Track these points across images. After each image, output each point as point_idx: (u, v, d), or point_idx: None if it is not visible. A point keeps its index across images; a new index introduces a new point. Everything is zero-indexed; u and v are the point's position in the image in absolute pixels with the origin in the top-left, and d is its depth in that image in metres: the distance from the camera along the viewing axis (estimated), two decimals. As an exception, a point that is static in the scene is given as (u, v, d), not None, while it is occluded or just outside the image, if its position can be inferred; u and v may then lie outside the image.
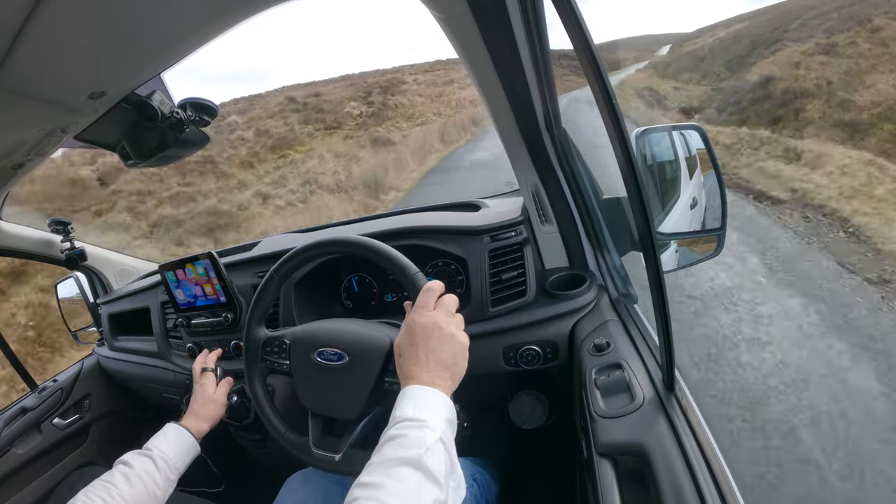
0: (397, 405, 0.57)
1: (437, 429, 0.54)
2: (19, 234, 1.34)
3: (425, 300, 0.66)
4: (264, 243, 1.32)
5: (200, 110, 0.76)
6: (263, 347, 0.85)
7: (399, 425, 0.54)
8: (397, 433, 0.53)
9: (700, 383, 2.38)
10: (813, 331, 2.78)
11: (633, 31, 29.15)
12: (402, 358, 0.63)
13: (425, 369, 0.60)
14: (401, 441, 0.52)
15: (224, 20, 0.45)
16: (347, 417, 0.77)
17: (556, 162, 0.96)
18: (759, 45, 13.89)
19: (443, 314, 0.65)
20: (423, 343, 0.62)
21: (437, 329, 0.62)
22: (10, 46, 0.36)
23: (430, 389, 0.58)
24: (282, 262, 0.84)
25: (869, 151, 5.95)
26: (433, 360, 0.61)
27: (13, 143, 0.57)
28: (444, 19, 0.65)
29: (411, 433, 0.53)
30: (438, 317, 0.64)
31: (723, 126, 8.54)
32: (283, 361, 0.83)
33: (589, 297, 0.96)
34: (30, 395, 1.39)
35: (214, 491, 1.38)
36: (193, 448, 0.87)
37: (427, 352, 0.61)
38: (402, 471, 0.49)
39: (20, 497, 1.28)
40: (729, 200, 0.82)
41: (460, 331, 0.65)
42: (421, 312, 0.64)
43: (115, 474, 0.75)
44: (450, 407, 0.58)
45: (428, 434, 0.52)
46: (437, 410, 0.56)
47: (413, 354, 0.62)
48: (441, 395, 0.58)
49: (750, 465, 1.90)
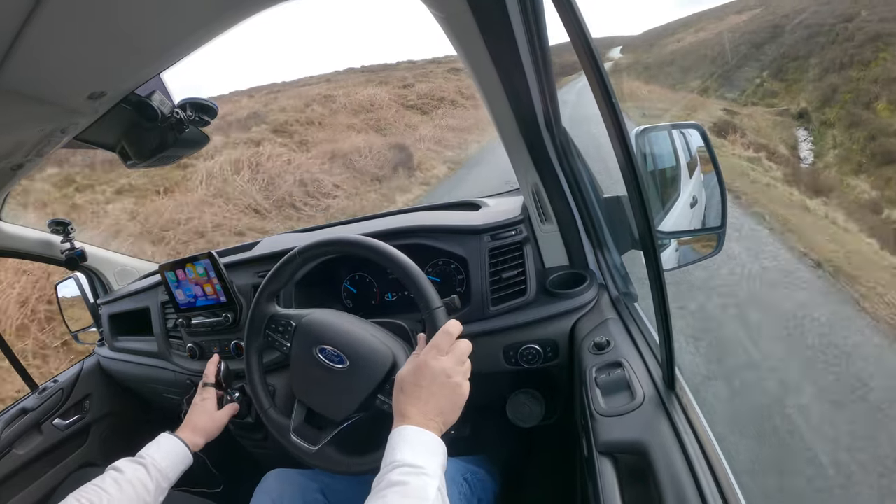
0: (395, 446, 0.57)
1: (435, 476, 0.54)
2: (19, 235, 1.34)
3: (440, 342, 0.65)
4: (264, 243, 1.32)
5: (200, 110, 0.76)
6: (269, 323, 0.84)
7: (399, 471, 0.54)
8: (399, 479, 0.53)
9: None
10: None
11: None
12: (402, 393, 0.63)
13: (423, 413, 0.61)
14: (405, 490, 0.52)
15: (224, 20, 0.45)
16: (332, 417, 0.77)
17: (556, 161, 0.96)
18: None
19: (453, 362, 0.64)
20: (427, 387, 0.62)
21: (445, 377, 0.63)
22: (10, 47, 0.36)
23: (425, 433, 0.59)
24: (308, 247, 0.83)
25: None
26: (433, 405, 0.61)
27: (13, 144, 0.56)
28: (444, 18, 0.65)
29: (413, 481, 0.53)
30: (448, 364, 0.64)
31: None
32: (285, 342, 0.83)
33: (589, 296, 0.96)
34: (30, 396, 1.39)
35: (214, 491, 1.38)
36: (186, 458, 0.86)
37: (429, 396, 0.62)
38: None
39: (21, 498, 1.28)
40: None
41: (465, 381, 0.65)
42: (433, 355, 0.64)
43: (107, 479, 0.75)
44: (443, 452, 0.59)
45: (429, 483, 0.53)
46: (434, 457, 0.57)
47: (415, 394, 0.62)
48: (436, 439, 0.59)
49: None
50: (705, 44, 17.40)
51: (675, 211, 0.90)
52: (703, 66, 15.99)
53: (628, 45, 22.96)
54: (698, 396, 0.65)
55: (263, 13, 0.47)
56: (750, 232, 4.96)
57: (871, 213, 6.52)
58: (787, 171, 8.53)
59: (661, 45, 18.81)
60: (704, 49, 16.16)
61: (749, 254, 4.35)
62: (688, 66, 16.56)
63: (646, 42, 20.06)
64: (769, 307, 3.39)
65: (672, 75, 16.56)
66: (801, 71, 14.91)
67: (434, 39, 11.09)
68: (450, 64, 19.02)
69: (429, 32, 2.76)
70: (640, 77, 16.79)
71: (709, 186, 0.87)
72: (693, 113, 13.15)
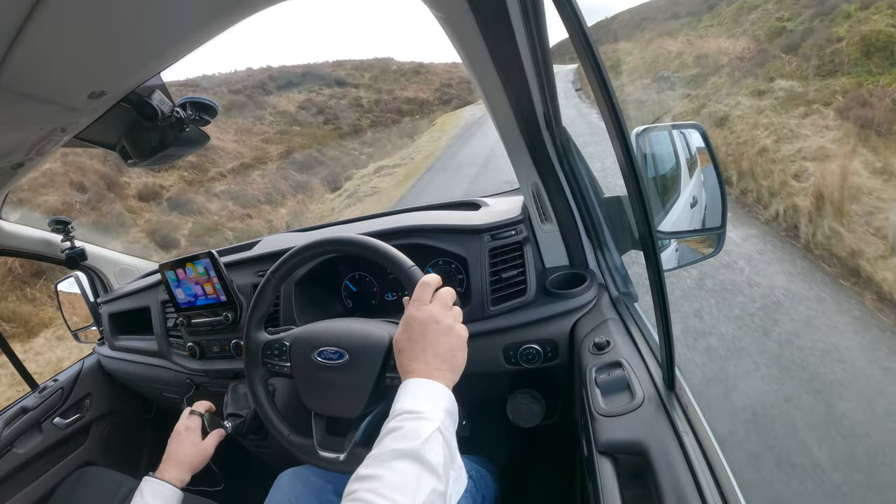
0: (396, 399, 0.58)
1: (434, 419, 0.54)
2: (19, 234, 1.34)
3: (421, 294, 0.66)
4: (264, 242, 1.32)
5: (200, 109, 0.76)
6: (264, 351, 0.84)
7: (397, 418, 0.54)
8: (395, 426, 0.53)
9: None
10: None
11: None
12: (401, 353, 0.63)
13: (423, 363, 0.60)
14: (398, 433, 0.52)
15: (224, 18, 0.45)
16: (350, 416, 0.77)
17: (557, 161, 0.96)
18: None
19: (439, 307, 0.65)
20: (420, 337, 0.62)
21: (434, 322, 0.63)
22: (10, 46, 0.36)
23: (428, 381, 0.58)
24: (278, 265, 0.84)
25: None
26: (431, 353, 0.61)
27: (13, 143, 0.56)
28: (444, 18, 0.65)
29: (408, 425, 0.53)
30: (435, 310, 0.64)
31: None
32: (284, 364, 0.83)
33: (589, 296, 0.96)
34: (30, 395, 1.39)
35: (214, 490, 1.38)
36: (175, 497, 0.81)
37: (425, 345, 0.62)
38: (400, 463, 0.49)
39: (21, 497, 1.28)
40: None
41: (458, 323, 0.65)
42: (417, 306, 0.65)
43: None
44: (450, 398, 0.59)
45: (425, 425, 0.53)
46: (435, 402, 0.56)
47: (411, 349, 0.62)
48: (440, 387, 0.58)
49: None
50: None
51: (676, 211, 0.90)
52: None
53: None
54: (699, 399, 0.65)
55: (262, 13, 0.47)
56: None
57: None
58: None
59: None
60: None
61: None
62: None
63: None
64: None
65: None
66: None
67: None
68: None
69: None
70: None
71: (709, 186, 0.87)
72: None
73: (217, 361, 1.20)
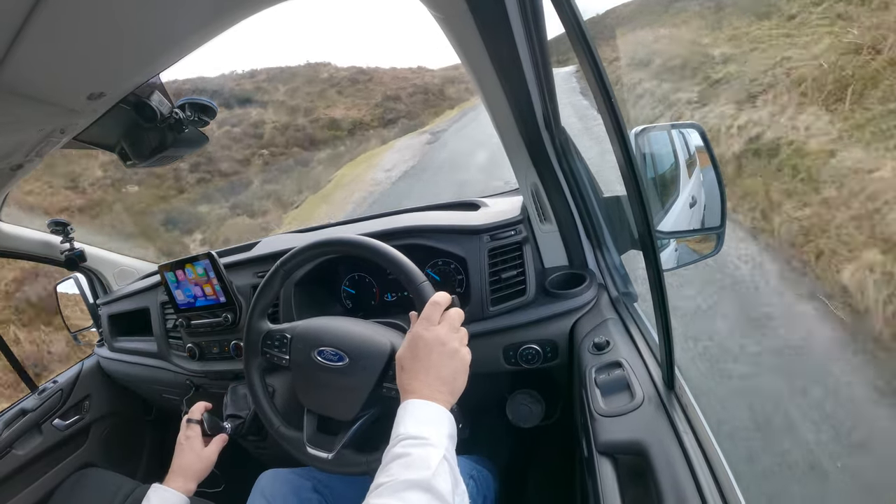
0: (399, 421, 0.57)
1: (440, 446, 0.54)
2: (19, 236, 1.34)
3: (430, 313, 0.65)
4: (264, 243, 1.32)
5: (199, 110, 0.76)
6: (264, 340, 0.84)
7: (402, 443, 0.54)
8: (402, 451, 0.53)
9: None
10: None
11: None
12: (403, 371, 0.63)
13: (426, 384, 0.60)
14: (406, 461, 0.52)
15: (223, 19, 0.45)
16: (342, 418, 0.77)
17: (556, 161, 0.96)
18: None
19: (447, 329, 0.64)
20: (425, 357, 0.62)
21: (440, 345, 0.62)
22: (9, 47, 0.36)
23: (430, 404, 0.58)
24: (289, 257, 0.83)
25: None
26: (433, 375, 0.61)
27: (12, 145, 0.56)
28: (443, 19, 0.65)
29: (415, 452, 0.53)
30: (442, 332, 0.64)
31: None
32: (283, 356, 0.83)
33: (589, 296, 0.96)
34: (30, 397, 1.39)
35: (214, 491, 1.38)
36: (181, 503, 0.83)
37: (428, 366, 0.61)
38: (413, 494, 0.49)
39: (20, 498, 1.28)
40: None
41: (463, 346, 0.65)
42: (425, 326, 0.64)
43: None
44: (451, 421, 0.59)
45: (433, 453, 0.53)
46: (438, 426, 0.57)
47: (414, 368, 0.62)
48: (441, 410, 0.59)
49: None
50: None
51: (675, 211, 0.90)
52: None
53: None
54: (699, 399, 0.65)
55: (262, 12, 0.47)
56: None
57: None
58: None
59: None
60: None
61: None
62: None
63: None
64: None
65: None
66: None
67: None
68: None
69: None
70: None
71: (708, 186, 0.87)
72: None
73: (216, 362, 1.20)
